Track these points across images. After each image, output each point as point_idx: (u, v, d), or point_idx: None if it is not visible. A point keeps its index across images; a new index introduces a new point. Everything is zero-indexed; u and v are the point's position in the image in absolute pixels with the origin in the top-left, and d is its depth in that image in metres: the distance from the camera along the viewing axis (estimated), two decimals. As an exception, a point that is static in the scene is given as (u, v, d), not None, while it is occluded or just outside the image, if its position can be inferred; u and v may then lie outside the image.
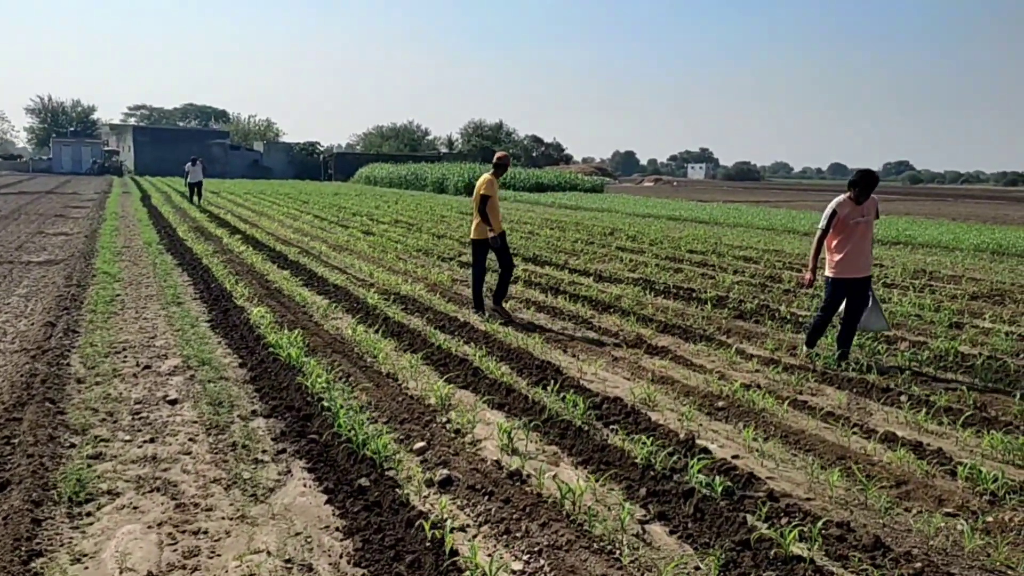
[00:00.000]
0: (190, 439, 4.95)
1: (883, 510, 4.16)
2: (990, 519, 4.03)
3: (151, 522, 3.84)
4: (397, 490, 4.22)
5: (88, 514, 3.91)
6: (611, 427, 5.43)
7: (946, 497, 4.29)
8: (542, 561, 3.57)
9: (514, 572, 3.50)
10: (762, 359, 7.38)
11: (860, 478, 4.43)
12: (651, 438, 5.03)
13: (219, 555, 3.56)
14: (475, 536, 3.82)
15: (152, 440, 4.91)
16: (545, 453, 4.94)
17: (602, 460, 4.76)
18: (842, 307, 7.29)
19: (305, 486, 4.32)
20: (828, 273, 7.22)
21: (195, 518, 3.90)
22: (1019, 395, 6.01)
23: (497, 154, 9.24)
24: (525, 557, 3.62)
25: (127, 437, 4.95)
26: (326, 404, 5.50)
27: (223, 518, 3.90)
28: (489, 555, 3.62)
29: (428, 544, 3.59)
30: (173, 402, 5.66)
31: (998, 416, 5.73)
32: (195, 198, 27.96)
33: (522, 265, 13.61)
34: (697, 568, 3.59)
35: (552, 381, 6.32)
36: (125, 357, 6.87)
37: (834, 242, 7.11)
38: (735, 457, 4.92)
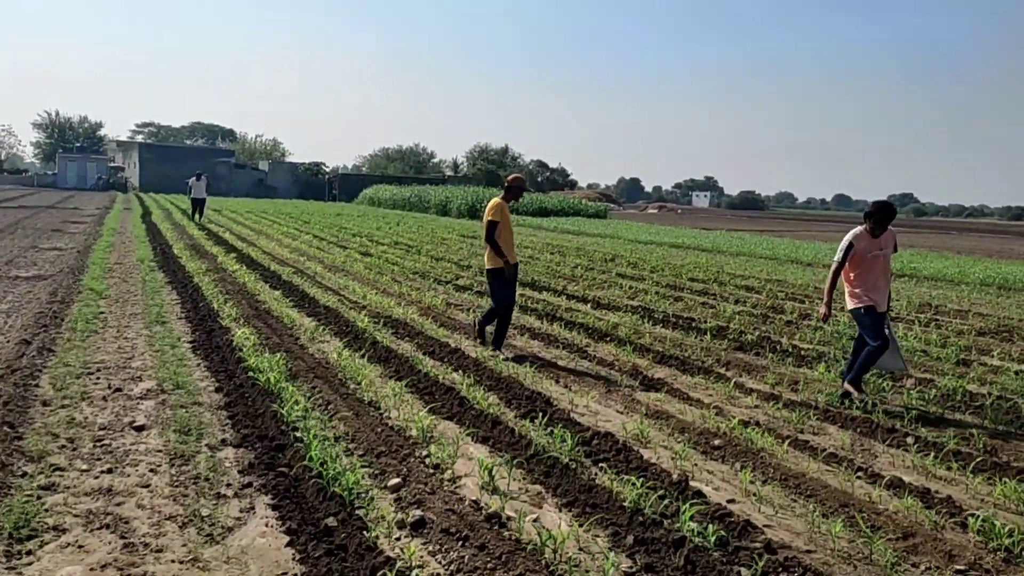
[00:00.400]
0: (151, 470, 4.66)
1: (889, 565, 3.85)
2: (1005, 579, 3.72)
3: (95, 564, 3.54)
4: (365, 532, 3.91)
5: (28, 552, 3.62)
6: (600, 465, 5.12)
7: (957, 552, 3.98)
8: (516, 618, 3.27)
9: (484, 630, 3.19)
10: (762, 394, 7.08)
11: (864, 530, 4.12)
12: (642, 479, 4.74)
13: (163, 603, 3.26)
14: (445, 587, 3.52)
15: (110, 470, 4.62)
16: (528, 493, 4.64)
17: (588, 502, 4.46)
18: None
19: (267, 525, 4.02)
20: (852, 305, 6.84)
21: (143, 560, 3.60)
22: (1033, 440, 5.70)
23: (509, 176, 8.42)
24: (498, 612, 3.31)
25: (84, 466, 4.65)
26: (300, 434, 5.21)
27: (173, 561, 3.60)
28: (458, 609, 3.32)
29: (392, 596, 3.29)
30: (140, 428, 5.37)
31: (1010, 461, 5.42)
32: (196, 215, 27.77)
33: (519, 290, 13.33)
34: (685, 629, 3.28)
35: (541, 413, 6.03)
36: (98, 378, 6.59)
37: (851, 275, 6.83)
38: (731, 501, 4.61)
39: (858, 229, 6.83)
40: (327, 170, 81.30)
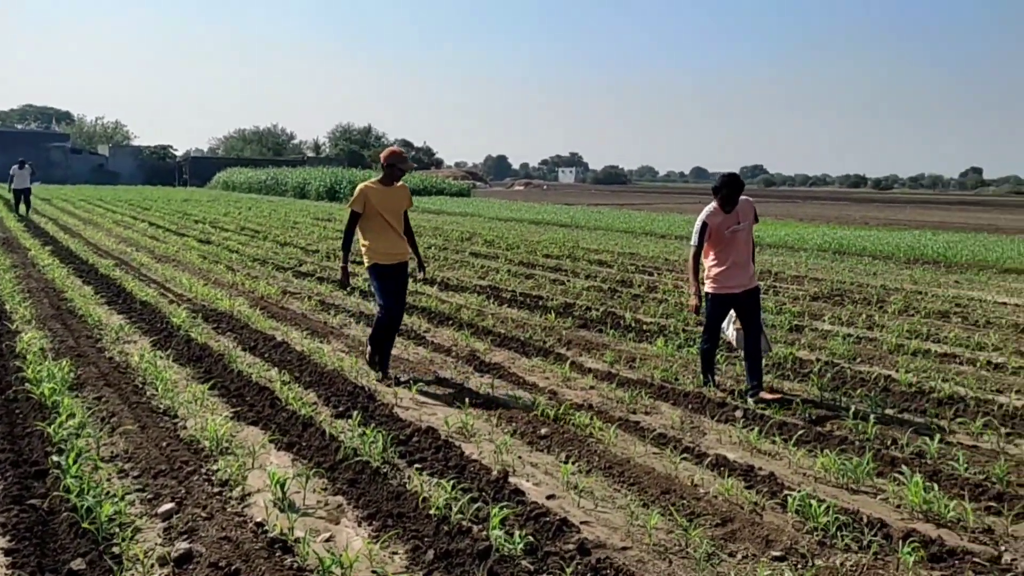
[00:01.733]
0: None
1: (704, 558, 3.61)
2: (820, 563, 3.55)
3: None
4: (112, 576, 3.31)
5: None
6: (416, 467, 4.68)
7: (774, 537, 3.80)
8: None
9: None
10: (599, 373, 6.86)
11: (680, 520, 3.88)
12: (457, 479, 4.35)
13: None
14: (200, 637, 2.98)
15: None
16: (327, 507, 4.14)
17: (393, 513, 4.01)
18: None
19: (-9, 577, 3.35)
20: (707, 288, 6.32)
21: None
22: (852, 409, 5.70)
23: (383, 152, 6.73)
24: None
25: None
26: (65, 457, 4.48)
27: None
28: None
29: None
30: None
31: (832, 431, 5.39)
32: (22, 207, 25.16)
33: (364, 274, 12.68)
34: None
35: (361, 411, 5.53)
36: None
37: (711, 254, 6.29)
38: (550, 498, 4.29)
39: (710, 206, 6.28)
40: (176, 153, 76.86)
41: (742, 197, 6.22)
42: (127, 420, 5.29)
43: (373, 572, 3.46)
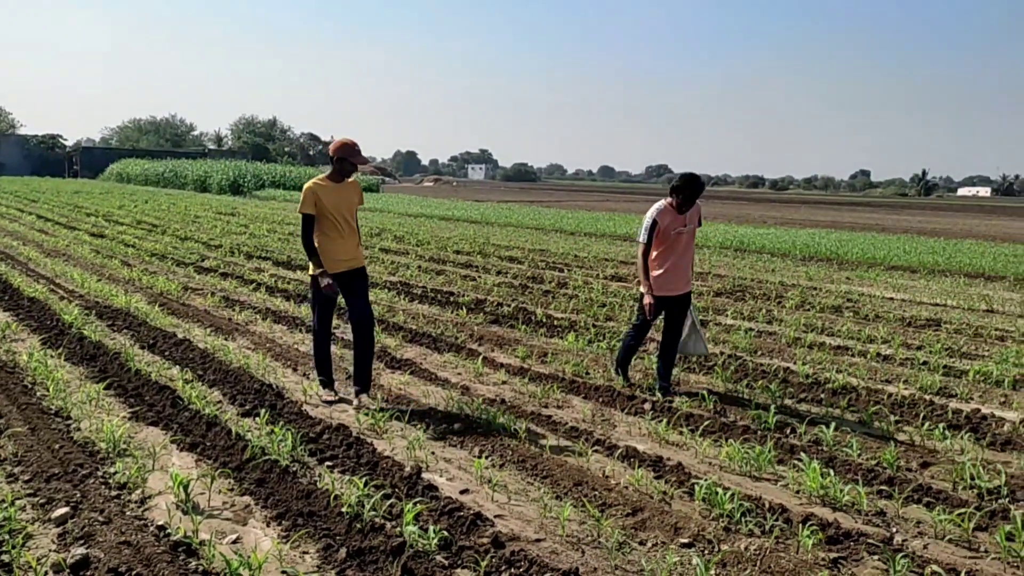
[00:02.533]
0: None
1: (616, 547, 3.68)
2: (726, 547, 3.67)
3: None
4: (0, 587, 3.12)
5: None
6: (327, 464, 4.60)
7: (682, 524, 3.91)
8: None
9: None
10: (511, 369, 6.89)
11: (592, 511, 3.94)
12: (369, 476, 4.30)
13: None
14: (98, 647, 2.85)
15: None
16: (234, 507, 4.01)
17: (303, 512, 3.92)
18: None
19: None
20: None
21: None
22: (754, 400, 5.92)
23: (332, 145, 5.84)
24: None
25: None
26: (-55, 462, 4.20)
27: None
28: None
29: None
30: None
31: (736, 421, 5.58)
32: None
33: (270, 269, 12.40)
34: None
35: (268, 408, 5.39)
36: None
37: (653, 254, 6.10)
38: (464, 492, 4.28)
39: (661, 204, 6.10)
40: (66, 143, 73.01)
41: None
42: (16, 422, 4.99)
43: (283, 572, 3.38)
